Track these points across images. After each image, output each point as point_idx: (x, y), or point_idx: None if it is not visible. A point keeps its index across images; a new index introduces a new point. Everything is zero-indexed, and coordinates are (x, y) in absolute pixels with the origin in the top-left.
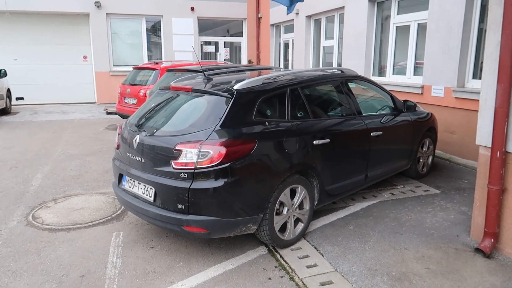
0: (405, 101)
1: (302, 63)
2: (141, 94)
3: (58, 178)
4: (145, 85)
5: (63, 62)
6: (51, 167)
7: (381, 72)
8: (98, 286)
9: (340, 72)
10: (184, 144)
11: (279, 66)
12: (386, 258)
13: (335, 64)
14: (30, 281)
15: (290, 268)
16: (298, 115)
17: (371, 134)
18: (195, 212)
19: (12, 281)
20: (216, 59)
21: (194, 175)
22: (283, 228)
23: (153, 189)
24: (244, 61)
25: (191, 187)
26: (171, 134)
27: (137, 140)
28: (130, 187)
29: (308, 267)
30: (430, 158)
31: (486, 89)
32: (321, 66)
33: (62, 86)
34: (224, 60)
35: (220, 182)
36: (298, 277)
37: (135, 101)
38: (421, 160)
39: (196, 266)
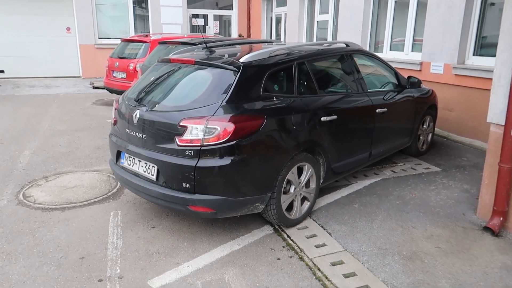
0: (409, 77)
1: (295, 38)
2: (131, 68)
3: (47, 155)
4: (135, 58)
5: (46, 33)
6: (39, 143)
7: (377, 48)
8: (100, 268)
9: (345, 45)
10: (189, 120)
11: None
12: (395, 237)
13: (329, 40)
14: (26, 263)
15: (299, 248)
16: (305, 90)
17: (376, 110)
18: (201, 191)
19: (7, 264)
20: (205, 33)
21: (200, 152)
22: (290, 207)
23: (156, 167)
24: (234, 36)
25: (197, 165)
26: (174, 109)
27: (137, 116)
28: (129, 164)
29: (317, 246)
30: (430, 135)
31: (501, 66)
32: (315, 41)
33: (45, 59)
34: (214, 34)
35: (227, 160)
36: (308, 257)
37: (124, 75)
38: (421, 137)
39: (201, 246)
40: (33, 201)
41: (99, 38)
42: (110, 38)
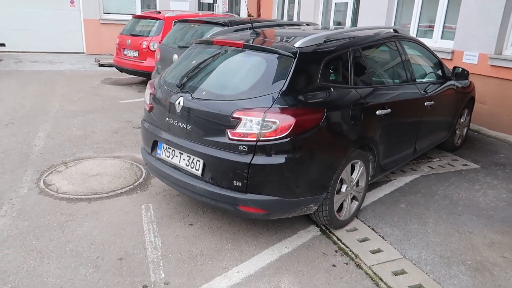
0: (455, 68)
1: (310, 20)
2: (144, 46)
3: (63, 138)
4: (148, 36)
5: (48, 6)
6: (52, 125)
7: None
8: (142, 272)
9: (394, 31)
10: (244, 111)
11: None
12: (453, 243)
13: (348, 24)
14: (61, 264)
15: (353, 253)
16: (360, 80)
17: (425, 103)
18: (254, 191)
19: (39, 264)
20: (213, 11)
21: (256, 148)
22: (339, 207)
23: (201, 161)
24: (243, 15)
25: (252, 162)
26: (225, 98)
27: (181, 103)
28: (168, 156)
29: (372, 252)
30: (465, 130)
31: None
32: (331, 25)
33: (47, 33)
34: (223, 12)
35: (285, 158)
36: (365, 265)
37: (136, 54)
38: (457, 131)
39: (247, 248)
40: (56, 190)
41: (104, 13)
42: (115, 14)
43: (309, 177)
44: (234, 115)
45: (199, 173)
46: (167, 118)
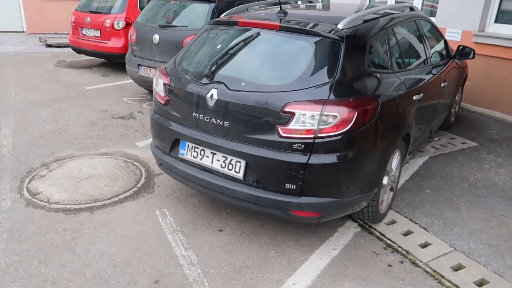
0: (462, 47)
1: None
2: (107, 25)
3: (34, 134)
4: (110, 13)
5: None
6: (15, 118)
7: None
8: None
9: (410, 9)
10: (299, 105)
11: None
12: (494, 229)
13: None
14: None
15: (403, 249)
16: (396, 64)
17: (441, 84)
18: (309, 194)
19: None
20: None
21: (313, 146)
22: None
23: (243, 162)
24: None
25: (309, 162)
26: (271, 89)
27: (215, 97)
28: (195, 157)
29: (422, 246)
30: (457, 107)
31: None
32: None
33: None
34: None
35: (345, 155)
36: (421, 261)
37: (98, 34)
38: (452, 109)
39: (293, 254)
40: (47, 200)
41: None
42: None
43: (366, 173)
44: (286, 109)
45: (239, 175)
46: (194, 114)
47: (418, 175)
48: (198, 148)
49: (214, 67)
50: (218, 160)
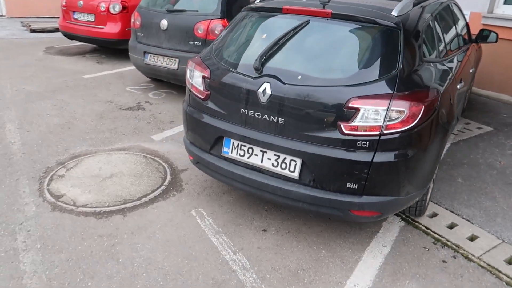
0: (484, 30)
1: None
2: (102, 9)
3: (41, 130)
4: None
5: None
6: (17, 112)
7: None
8: None
9: None
10: (364, 99)
11: None
12: None
13: None
14: None
15: (452, 243)
16: (440, 52)
17: (470, 70)
18: (371, 193)
19: None
20: None
21: (379, 143)
22: None
23: (299, 161)
24: None
25: (373, 160)
26: (331, 83)
27: (268, 91)
28: (242, 155)
29: (470, 239)
30: (469, 91)
31: None
32: None
33: None
34: None
35: (410, 152)
36: (473, 256)
37: (92, 18)
38: (466, 94)
39: (345, 253)
40: (73, 203)
41: None
42: None
43: (425, 169)
44: (350, 105)
45: (295, 175)
46: (242, 110)
47: (446, 163)
48: (245, 146)
49: (263, 59)
50: (269, 159)
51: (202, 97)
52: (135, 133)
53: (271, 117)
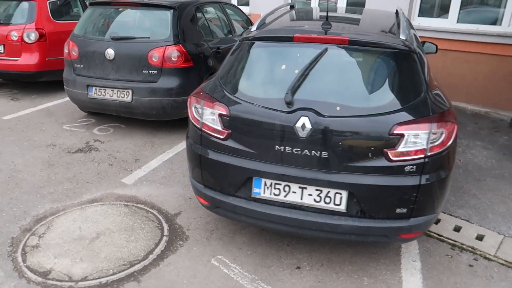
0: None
1: None
2: (14, 38)
3: None
4: (17, 23)
5: None
6: None
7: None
8: None
9: None
10: (407, 125)
11: None
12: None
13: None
14: None
15: (467, 246)
16: None
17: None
18: (417, 214)
19: None
20: None
21: (424, 166)
22: None
23: (344, 193)
24: None
25: (421, 183)
26: (371, 111)
27: (307, 125)
28: (277, 194)
29: (479, 239)
30: None
31: None
32: None
33: None
34: None
35: (448, 169)
36: (490, 255)
37: (1, 49)
38: None
39: (385, 276)
40: (68, 278)
41: None
42: None
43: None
44: (395, 131)
45: (341, 207)
46: (277, 147)
47: None
48: (280, 184)
49: (293, 92)
50: (310, 195)
51: (222, 137)
52: (101, 179)
53: (313, 151)
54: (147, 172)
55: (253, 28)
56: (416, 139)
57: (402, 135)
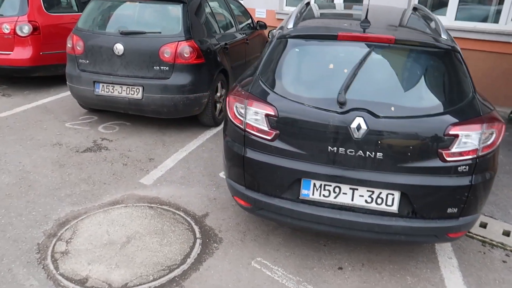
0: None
1: None
2: (6, 31)
3: None
4: (8, 15)
5: None
6: None
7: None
8: None
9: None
10: (462, 125)
11: None
12: None
13: None
14: None
15: (497, 242)
16: None
17: None
18: (466, 214)
19: None
20: None
21: (476, 166)
22: None
23: (396, 193)
24: None
25: (472, 183)
26: (426, 112)
27: (363, 126)
28: (327, 195)
29: (506, 235)
30: None
31: None
32: None
33: None
34: None
35: (494, 169)
36: None
37: None
38: None
39: (427, 275)
40: (107, 286)
41: None
42: None
43: None
44: (450, 132)
45: (393, 208)
46: (330, 148)
47: None
48: (330, 185)
49: (346, 91)
50: (362, 196)
51: (269, 138)
52: (118, 179)
53: (367, 152)
54: (164, 172)
55: (289, 25)
56: (468, 139)
57: (456, 136)
